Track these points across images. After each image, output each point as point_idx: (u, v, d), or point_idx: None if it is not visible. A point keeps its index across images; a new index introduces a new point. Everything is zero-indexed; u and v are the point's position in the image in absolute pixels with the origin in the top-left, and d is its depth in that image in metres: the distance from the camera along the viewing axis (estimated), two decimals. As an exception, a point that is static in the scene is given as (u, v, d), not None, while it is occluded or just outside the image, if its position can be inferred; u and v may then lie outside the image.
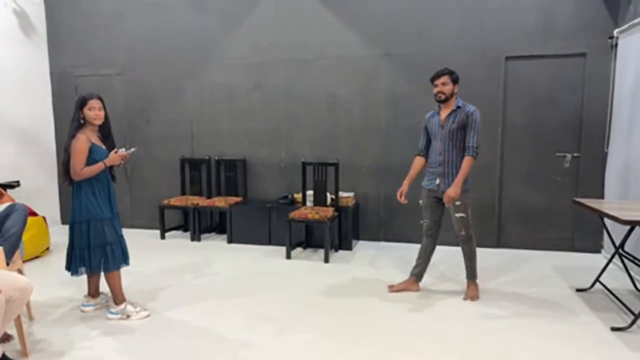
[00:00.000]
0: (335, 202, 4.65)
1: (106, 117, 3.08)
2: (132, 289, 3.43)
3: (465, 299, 3.36)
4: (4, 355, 2.33)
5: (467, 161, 3.19)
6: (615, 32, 4.21)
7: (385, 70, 4.88)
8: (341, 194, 4.78)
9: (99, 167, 2.96)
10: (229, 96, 5.35)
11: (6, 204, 3.88)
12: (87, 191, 2.97)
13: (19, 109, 5.32)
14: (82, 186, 2.97)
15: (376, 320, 3.02)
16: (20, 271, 2.85)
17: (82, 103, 2.97)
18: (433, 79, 3.32)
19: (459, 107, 3.29)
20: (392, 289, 3.55)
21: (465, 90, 4.66)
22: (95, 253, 2.98)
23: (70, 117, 3.04)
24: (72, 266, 3.05)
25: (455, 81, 3.30)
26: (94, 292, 3.23)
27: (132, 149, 3.15)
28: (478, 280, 3.45)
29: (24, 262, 3.07)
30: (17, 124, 5.31)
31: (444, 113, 3.34)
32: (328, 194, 4.73)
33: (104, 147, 3.07)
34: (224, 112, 5.38)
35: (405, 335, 2.80)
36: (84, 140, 2.94)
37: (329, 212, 4.46)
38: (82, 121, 2.98)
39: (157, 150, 5.61)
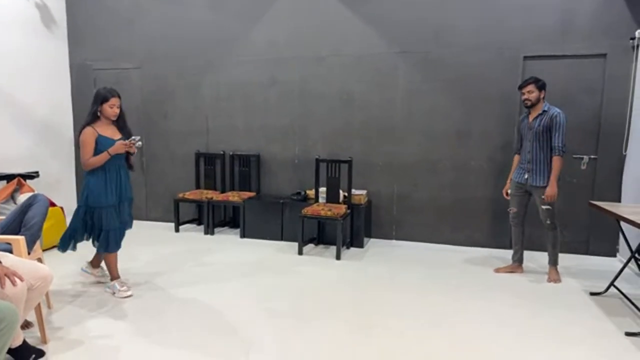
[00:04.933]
0: (347, 200, 4.67)
1: (121, 110, 3.27)
2: (146, 281, 3.48)
3: (548, 281, 3.74)
4: (24, 341, 2.40)
5: (555, 161, 3.58)
6: (637, 33, 4.13)
7: (401, 68, 4.87)
8: (354, 191, 4.79)
9: (103, 156, 3.15)
10: (244, 92, 5.38)
11: (27, 194, 3.98)
12: (90, 179, 3.20)
13: (38, 100, 5.42)
14: (88, 174, 3.20)
15: (388, 316, 3.03)
16: (40, 260, 2.93)
17: (104, 99, 3.17)
18: (520, 87, 3.74)
19: (544, 111, 3.67)
20: (499, 270, 3.98)
21: (482, 89, 4.68)
22: (91, 234, 3.28)
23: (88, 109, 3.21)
24: (61, 242, 3.30)
25: (540, 88, 3.67)
26: (95, 263, 3.59)
27: (134, 138, 3.25)
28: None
29: (42, 251, 3.14)
30: (36, 116, 5.41)
31: (532, 116, 3.74)
32: (341, 191, 4.74)
33: (117, 137, 3.25)
34: (239, 108, 5.42)
35: (417, 332, 2.81)
36: (89, 132, 3.14)
37: (342, 209, 4.47)
38: (98, 114, 3.19)
39: (173, 144, 5.68)
